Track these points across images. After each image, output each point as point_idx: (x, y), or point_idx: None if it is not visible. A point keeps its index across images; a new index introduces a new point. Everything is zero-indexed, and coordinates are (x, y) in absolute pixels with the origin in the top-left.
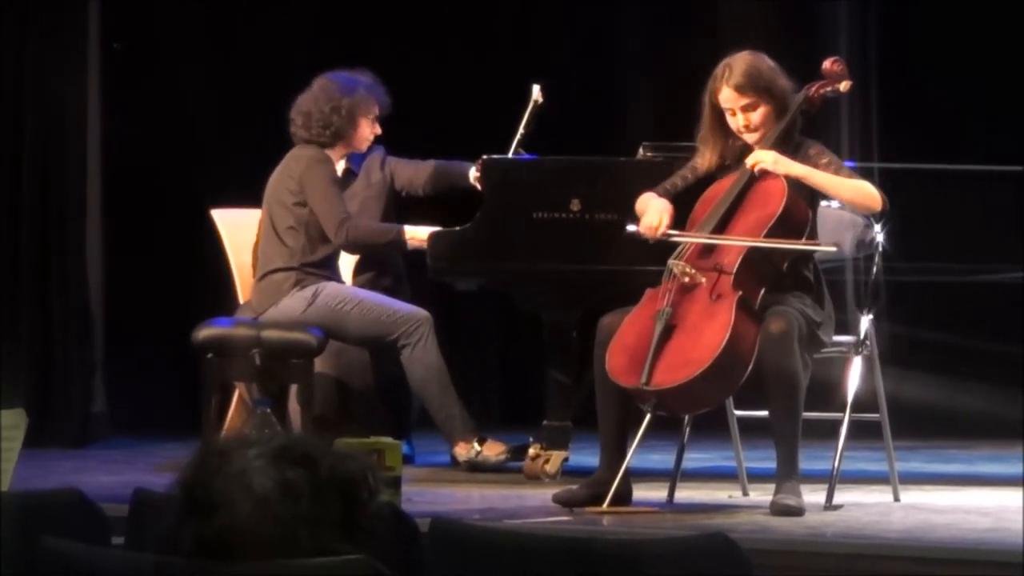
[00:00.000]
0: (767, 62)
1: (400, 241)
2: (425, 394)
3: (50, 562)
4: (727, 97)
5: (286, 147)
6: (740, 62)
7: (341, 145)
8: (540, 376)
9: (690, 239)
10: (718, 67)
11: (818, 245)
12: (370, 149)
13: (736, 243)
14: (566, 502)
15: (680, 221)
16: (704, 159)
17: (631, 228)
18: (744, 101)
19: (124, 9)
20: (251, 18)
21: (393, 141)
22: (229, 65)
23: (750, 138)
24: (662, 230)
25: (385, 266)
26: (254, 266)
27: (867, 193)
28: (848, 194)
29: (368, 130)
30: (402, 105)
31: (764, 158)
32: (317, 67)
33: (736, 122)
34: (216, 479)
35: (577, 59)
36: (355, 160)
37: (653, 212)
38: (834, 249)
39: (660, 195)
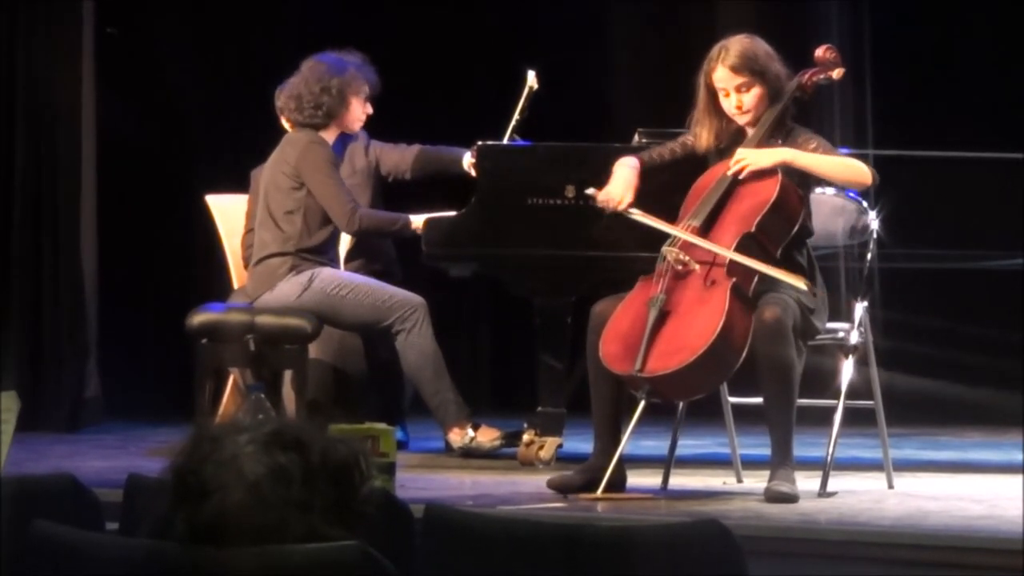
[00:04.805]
0: (764, 46)
1: (407, 229)
2: (419, 380)
3: (41, 547)
4: (722, 77)
5: (280, 132)
6: (737, 43)
7: (334, 126)
8: (532, 362)
9: (649, 223)
10: (714, 48)
11: (802, 281)
12: (352, 135)
13: (704, 245)
14: (560, 487)
15: (673, 208)
16: (700, 140)
17: (590, 191)
18: (738, 81)
19: None
20: (243, 2)
21: (386, 127)
22: (222, 50)
23: (742, 120)
24: (622, 207)
25: (376, 252)
26: (243, 256)
27: (855, 168)
28: (835, 171)
29: (360, 110)
30: (395, 91)
31: (745, 160)
32: (309, 52)
33: (729, 103)
34: (208, 465)
35: (572, 45)
36: (336, 147)
37: (618, 184)
38: (805, 288)
39: (644, 162)
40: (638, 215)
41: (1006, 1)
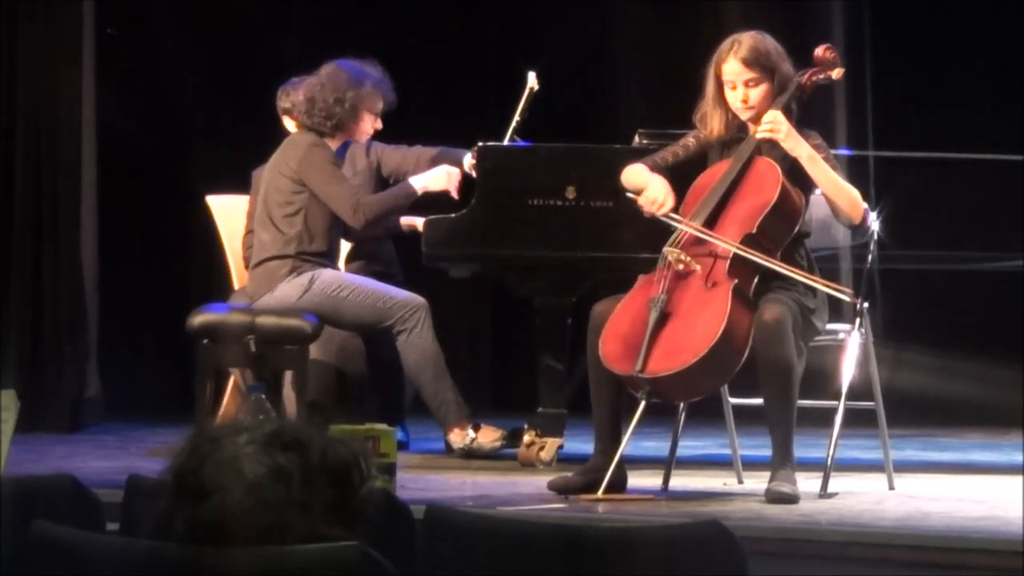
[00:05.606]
0: (774, 44)
1: (413, 196)
2: (420, 380)
3: (42, 547)
4: (732, 69)
5: (281, 132)
6: (749, 38)
7: (340, 136)
8: (532, 363)
9: (690, 228)
10: (725, 41)
11: (838, 289)
12: None
13: (738, 250)
14: (561, 489)
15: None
16: (711, 130)
17: (631, 194)
18: (748, 75)
19: None
20: (243, 2)
21: (388, 128)
22: (222, 50)
23: (745, 115)
24: (664, 211)
25: (377, 253)
26: (244, 257)
27: (856, 201)
28: (840, 195)
29: (369, 124)
30: (396, 92)
31: (779, 125)
32: (308, 52)
33: (735, 96)
34: (207, 465)
35: (573, 46)
36: (338, 149)
37: (658, 189)
38: (847, 299)
39: (650, 167)
40: (677, 220)
41: (1006, 1)
